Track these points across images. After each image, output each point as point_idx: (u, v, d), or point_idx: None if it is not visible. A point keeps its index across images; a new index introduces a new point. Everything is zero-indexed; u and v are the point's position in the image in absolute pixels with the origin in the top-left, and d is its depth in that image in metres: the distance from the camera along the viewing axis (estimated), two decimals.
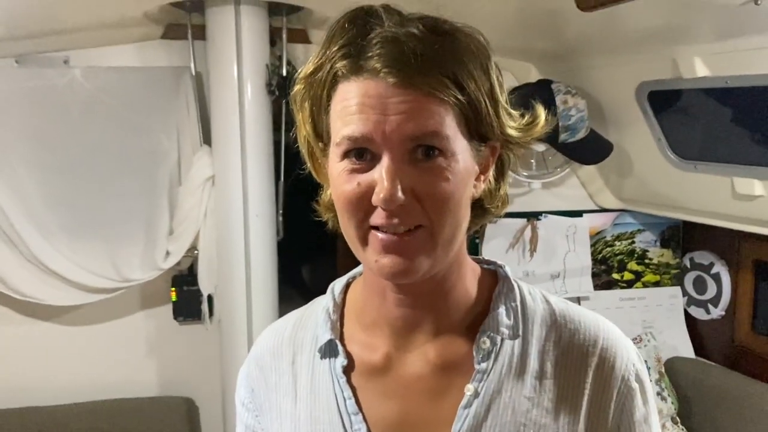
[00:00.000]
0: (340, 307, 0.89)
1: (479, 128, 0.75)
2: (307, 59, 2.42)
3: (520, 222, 2.57)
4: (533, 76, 2.43)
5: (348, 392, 0.82)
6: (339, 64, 0.72)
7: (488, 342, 0.80)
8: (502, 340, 0.81)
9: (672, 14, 1.72)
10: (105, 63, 2.26)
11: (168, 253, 2.24)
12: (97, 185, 2.23)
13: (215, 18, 2.09)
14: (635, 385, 0.81)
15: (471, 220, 0.81)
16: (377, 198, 0.70)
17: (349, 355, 0.84)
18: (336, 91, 0.73)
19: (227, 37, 2.08)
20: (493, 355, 0.80)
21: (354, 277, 0.91)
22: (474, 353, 0.80)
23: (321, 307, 0.89)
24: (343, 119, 0.72)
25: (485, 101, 0.73)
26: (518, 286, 0.86)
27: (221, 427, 2.30)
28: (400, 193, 0.70)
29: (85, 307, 2.32)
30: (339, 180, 0.74)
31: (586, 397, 0.80)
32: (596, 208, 2.67)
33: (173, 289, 2.34)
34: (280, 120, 2.29)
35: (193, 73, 2.25)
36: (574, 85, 2.28)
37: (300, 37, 2.34)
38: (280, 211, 2.29)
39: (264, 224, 2.16)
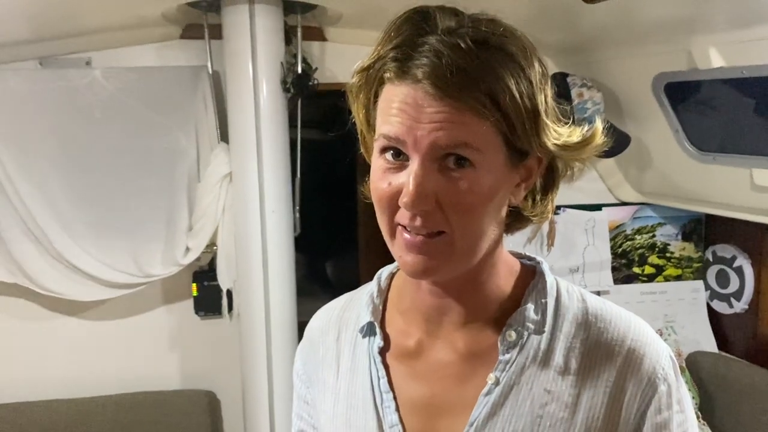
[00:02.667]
0: (384, 293, 0.95)
1: (516, 142, 0.76)
2: (322, 56, 2.42)
3: None
4: (550, 68, 2.40)
5: (382, 371, 0.88)
6: (387, 66, 0.75)
7: (514, 335, 0.83)
8: (528, 334, 0.83)
9: (685, 4, 1.70)
10: (126, 63, 2.32)
11: (188, 248, 2.29)
12: (119, 183, 2.28)
13: (231, 17, 2.12)
14: (662, 388, 0.81)
15: (512, 225, 0.86)
16: (401, 201, 0.74)
17: (386, 338, 0.90)
18: (383, 90, 0.77)
19: (243, 36, 2.10)
20: (517, 348, 0.83)
21: None
22: (499, 344, 0.83)
23: (367, 291, 0.95)
24: (383, 117, 0.76)
25: (523, 118, 0.74)
26: (557, 283, 0.88)
27: (242, 419, 2.33)
28: (422, 199, 0.73)
29: (109, 303, 2.38)
30: (375, 176, 0.79)
31: (607, 396, 0.81)
32: (616, 201, 2.65)
33: (194, 284, 2.39)
34: (296, 117, 2.32)
35: (210, 71, 2.28)
36: (590, 77, 2.26)
37: (315, 34, 2.36)
38: (297, 208, 2.32)
39: (280, 220, 2.18)
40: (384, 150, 0.77)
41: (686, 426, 0.84)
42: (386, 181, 0.77)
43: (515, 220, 0.86)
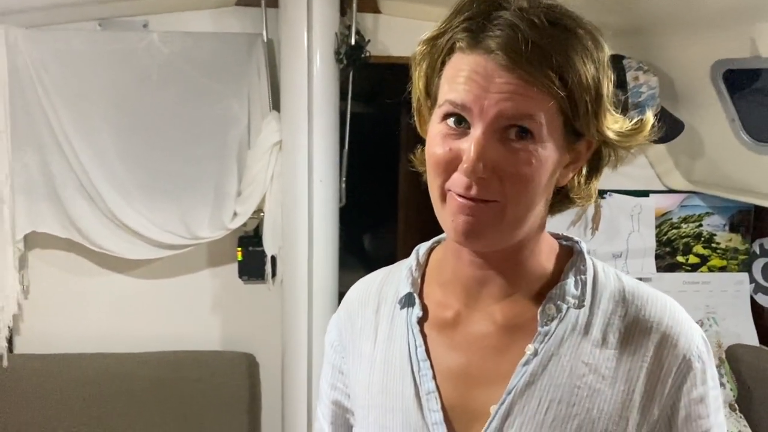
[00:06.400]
0: (423, 267, 0.97)
1: (576, 123, 0.78)
2: (375, 29, 2.42)
3: None
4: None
5: (420, 340, 0.90)
6: (459, 36, 0.77)
7: (553, 308, 0.85)
8: (568, 308, 0.85)
9: None
10: (181, 28, 2.35)
11: (235, 213, 2.33)
12: (171, 146, 2.33)
13: None
14: (697, 365, 0.84)
15: (555, 206, 0.89)
16: (461, 167, 0.76)
17: (424, 309, 0.93)
18: (451, 58, 0.79)
19: (299, 5, 2.12)
20: (556, 321, 0.85)
21: (438, 242, 0.99)
22: (538, 317, 0.85)
23: (405, 265, 0.98)
24: (450, 85, 0.78)
25: (587, 100, 0.77)
26: (592, 262, 0.90)
27: (279, 382, 2.39)
28: (481, 167, 0.75)
29: (156, 262, 2.44)
30: (434, 141, 0.80)
31: (644, 371, 0.83)
32: (664, 188, 2.61)
33: (239, 249, 2.43)
34: (347, 89, 2.33)
35: (265, 40, 2.30)
36: (646, 61, 2.22)
37: (370, 6, 2.36)
38: (343, 179, 2.34)
39: (327, 190, 2.21)
40: (446, 116, 0.79)
41: (719, 402, 0.88)
42: (446, 146, 0.78)
43: (559, 201, 0.88)
